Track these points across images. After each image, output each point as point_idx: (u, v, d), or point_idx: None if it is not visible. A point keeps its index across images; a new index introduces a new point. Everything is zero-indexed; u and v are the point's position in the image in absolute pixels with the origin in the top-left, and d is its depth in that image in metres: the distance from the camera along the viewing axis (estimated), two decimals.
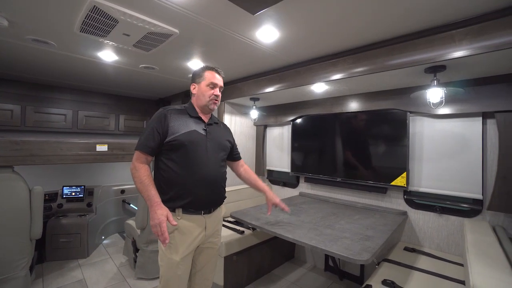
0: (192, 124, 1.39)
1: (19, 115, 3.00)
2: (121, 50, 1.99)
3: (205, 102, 1.43)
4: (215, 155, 1.43)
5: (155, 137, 1.31)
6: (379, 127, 2.35)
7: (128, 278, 2.51)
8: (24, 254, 1.99)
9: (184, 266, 1.34)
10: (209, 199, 1.40)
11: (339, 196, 2.70)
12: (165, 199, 1.31)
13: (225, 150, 1.54)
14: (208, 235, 1.42)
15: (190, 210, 1.34)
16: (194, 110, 1.45)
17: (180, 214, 1.33)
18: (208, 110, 1.47)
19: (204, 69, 1.46)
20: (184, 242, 1.32)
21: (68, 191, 3.13)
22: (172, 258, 1.30)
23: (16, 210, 1.93)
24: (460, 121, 1.94)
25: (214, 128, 1.50)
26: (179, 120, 1.38)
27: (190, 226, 1.34)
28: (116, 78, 2.89)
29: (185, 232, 1.33)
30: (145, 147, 1.30)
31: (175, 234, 1.31)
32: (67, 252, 2.83)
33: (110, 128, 3.73)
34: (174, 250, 1.31)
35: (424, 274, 1.64)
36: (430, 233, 2.09)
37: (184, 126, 1.36)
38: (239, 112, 3.26)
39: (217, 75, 1.46)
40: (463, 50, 1.41)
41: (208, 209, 1.41)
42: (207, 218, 1.41)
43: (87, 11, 1.40)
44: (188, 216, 1.34)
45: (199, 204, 1.36)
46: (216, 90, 1.44)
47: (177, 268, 1.31)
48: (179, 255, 1.31)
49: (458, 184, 1.95)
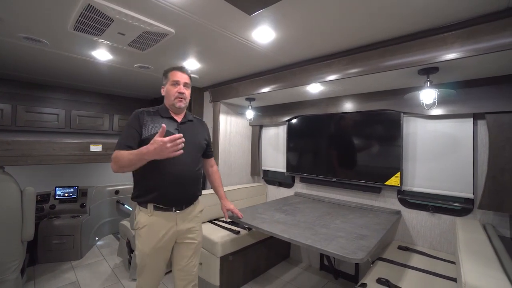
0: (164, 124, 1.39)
1: (10, 115, 2.94)
2: (116, 49, 1.97)
3: (172, 101, 1.47)
4: (188, 154, 1.42)
5: (134, 136, 1.36)
6: (373, 128, 2.38)
7: (122, 279, 2.48)
8: (15, 256, 1.95)
9: (155, 257, 1.42)
10: (179, 197, 1.45)
11: (334, 195, 2.72)
12: (137, 195, 1.43)
13: (200, 148, 1.58)
14: (181, 231, 1.47)
15: (160, 206, 1.40)
16: (166, 111, 1.49)
17: (151, 210, 1.40)
18: (176, 108, 1.49)
19: (168, 71, 1.50)
20: (153, 236, 1.40)
21: (60, 192, 3.07)
22: (143, 250, 1.40)
23: (7, 211, 1.89)
24: (451, 122, 1.98)
25: (188, 126, 1.53)
26: (151, 121, 1.42)
27: (160, 222, 1.41)
28: (111, 77, 2.86)
29: (154, 228, 1.40)
30: (123, 146, 1.33)
31: (145, 229, 1.40)
32: (60, 253, 2.78)
33: (103, 128, 3.69)
34: (144, 243, 1.40)
35: (418, 272, 1.66)
36: (423, 232, 2.13)
37: (155, 126, 1.40)
38: (235, 112, 3.26)
39: (180, 73, 1.48)
40: (455, 53, 1.44)
41: (180, 206, 1.45)
42: (179, 215, 1.45)
43: (81, 10, 1.38)
44: (159, 213, 1.41)
45: (169, 201, 1.42)
46: (179, 87, 1.46)
47: (147, 259, 1.41)
48: (148, 248, 1.39)
49: (450, 184, 1.99)
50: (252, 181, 3.49)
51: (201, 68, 2.45)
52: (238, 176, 3.31)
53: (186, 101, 1.50)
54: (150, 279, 1.46)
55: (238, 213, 1.91)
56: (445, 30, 1.44)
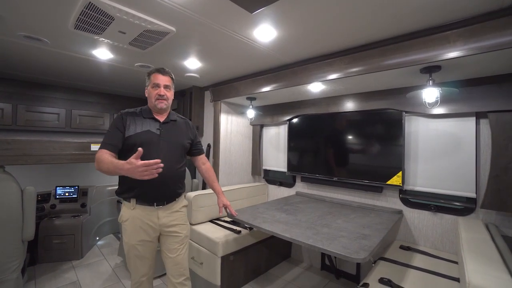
0: (145, 125, 1.50)
1: (10, 114, 2.93)
2: (117, 48, 1.96)
3: (153, 103, 1.53)
4: (169, 153, 1.52)
5: (117, 135, 1.44)
6: (375, 127, 2.37)
7: (123, 279, 2.47)
8: (16, 256, 1.94)
9: (140, 249, 1.49)
10: (161, 194, 1.51)
11: (335, 195, 2.72)
12: (120, 191, 1.51)
13: (182, 147, 1.63)
14: (163, 224, 1.54)
15: (142, 202, 1.48)
16: (148, 112, 1.56)
17: (134, 204, 1.48)
18: (158, 109, 1.55)
19: (150, 73, 1.56)
20: (137, 230, 1.48)
21: (61, 192, 3.07)
22: (128, 242, 1.49)
23: (8, 211, 1.88)
24: (454, 121, 1.97)
25: (171, 126, 1.60)
26: (134, 121, 1.49)
27: (141, 215, 1.48)
28: (111, 76, 2.86)
29: (136, 221, 1.48)
30: (107, 145, 1.41)
31: (128, 222, 1.48)
32: (60, 253, 2.78)
33: (104, 127, 3.68)
34: (129, 235, 1.48)
35: (420, 272, 1.65)
36: (425, 232, 2.12)
37: (137, 126, 1.48)
38: (236, 112, 3.25)
39: (160, 75, 1.53)
40: (458, 51, 1.43)
41: (161, 202, 1.52)
42: (160, 210, 1.52)
43: (82, 8, 1.37)
44: (141, 207, 1.48)
45: (151, 197, 1.48)
46: (159, 89, 1.52)
47: (133, 250, 1.49)
48: (133, 239, 1.48)
49: (452, 183, 1.98)
50: (253, 181, 3.48)
51: (202, 67, 2.44)
52: (239, 175, 3.30)
53: (167, 102, 1.56)
54: (139, 269, 1.52)
55: (232, 211, 1.95)
56: (447, 28, 1.43)
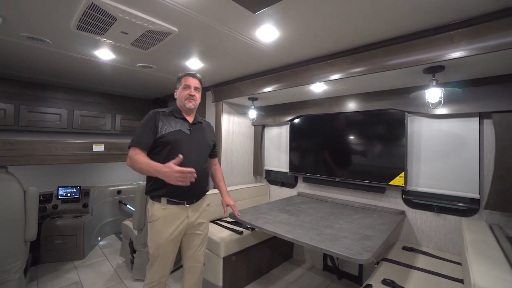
0: (177, 124, 1.58)
1: (12, 115, 2.94)
2: (119, 48, 1.96)
3: (182, 102, 1.62)
4: (197, 152, 1.60)
5: (148, 134, 1.49)
6: (377, 127, 2.36)
7: (125, 279, 2.47)
8: (18, 256, 1.95)
9: (169, 248, 1.53)
10: (191, 192, 1.54)
11: (337, 196, 2.71)
12: (151, 189, 1.53)
13: (208, 148, 1.72)
14: (191, 223, 1.59)
15: (173, 200, 1.52)
16: (179, 112, 1.64)
17: (165, 204, 1.51)
18: (187, 109, 1.62)
19: (181, 76, 1.66)
20: (167, 229, 1.51)
21: (63, 192, 3.07)
22: (157, 241, 1.51)
23: (10, 211, 1.88)
24: (457, 121, 1.96)
25: (198, 127, 1.68)
26: (166, 120, 1.56)
27: (173, 214, 1.53)
28: (113, 77, 2.86)
29: (168, 220, 1.51)
30: (138, 143, 1.46)
31: (159, 221, 1.50)
32: (62, 253, 2.78)
33: (106, 128, 3.68)
34: (159, 234, 1.50)
35: (423, 273, 1.64)
36: (428, 232, 2.11)
37: (170, 125, 1.54)
38: (237, 112, 3.25)
39: (191, 78, 1.63)
40: (462, 51, 1.42)
41: (190, 200, 1.57)
42: (189, 208, 1.58)
43: (84, 8, 1.37)
44: (172, 206, 1.52)
45: (181, 195, 1.52)
46: (190, 90, 1.61)
47: (161, 249, 1.51)
48: (162, 239, 1.50)
49: (456, 184, 1.97)
50: (255, 181, 3.48)
51: (204, 67, 2.43)
52: (241, 175, 3.29)
53: (195, 102, 1.64)
54: (161, 269, 1.55)
55: (235, 212, 1.99)
56: (451, 28, 1.42)
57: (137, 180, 3.86)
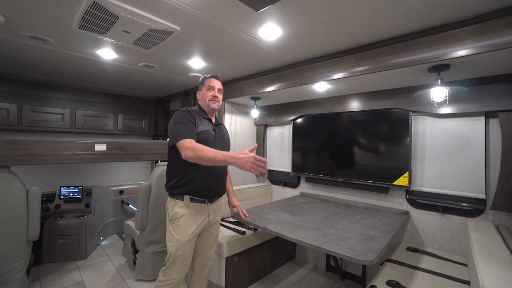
0: (206, 124, 1.63)
1: (15, 114, 2.95)
2: (121, 47, 1.96)
3: (206, 103, 1.66)
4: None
5: (192, 128, 1.51)
6: (381, 127, 2.33)
7: (127, 279, 2.47)
8: (21, 256, 1.94)
9: (189, 247, 1.55)
10: (213, 190, 1.61)
11: (340, 196, 2.69)
12: (176, 186, 1.54)
13: (228, 148, 1.78)
14: (210, 221, 1.65)
15: (196, 199, 1.55)
16: (204, 113, 1.69)
17: (188, 202, 1.53)
18: (210, 110, 1.67)
19: (204, 78, 1.70)
20: (190, 227, 1.54)
21: (65, 192, 3.07)
22: (180, 240, 1.51)
23: (13, 211, 1.88)
24: (462, 120, 1.94)
25: (219, 129, 1.75)
26: (199, 119, 1.61)
27: (196, 213, 1.56)
28: (115, 76, 2.86)
29: (191, 218, 1.54)
30: (190, 135, 1.45)
31: (183, 219, 1.52)
32: (65, 253, 2.78)
33: (108, 127, 3.69)
34: (182, 233, 1.52)
35: (428, 274, 1.62)
36: (432, 233, 2.08)
37: (201, 125, 1.59)
38: (240, 112, 3.24)
39: (215, 79, 1.68)
40: (468, 49, 1.40)
41: (211, 198, 1.62)
42: (210, 207, 1.62)
43: (86, 7, 1.37)
44: (194, 205, 1.55)
45: (204, 193, 1.56)
46: (214, 91, 1.65)
47: (183, 248, 1.52)
48: (186, 237, 1.52)
49: (461, 184, 1.94)
50: (257, 181, 3.47)
51: (206, 67, 2.43)
52: (243, 175, 3.28)
53: (219, 103, 1.68)
54: (182, 269, 1.55)
55: (241, 212, 1.98)
56: (456, 26, 1.40)
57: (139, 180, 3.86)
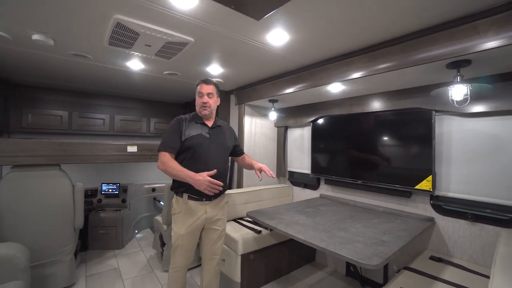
0: (198, 129, 1.72)
1: (67, 120, 3.42)
2: (146, 59, 2.18)
3: (198, 109, 1.76)
4: (217, 154, 1.74)
5: (175, 139, 1.66)
6: (401, 127, 2.21)
7: (155, 269, 2.70)
8: (69, 241, 2.28)
9: (187, 239, 1.68)
10: None
11: (360, 199, 2.60)
12: (176, 186, 1.70)
13: (226, 149, 1.85)
14: (209, 218, 1.72)
15: (193, 196, 1.66)
16: (199, 118, 1.77)
17: (186, 199, 1.67)
18: (203, 115, 1.75)
19: (197, 84, 1.77)
20: (187, 221, 1.67)
21: (105, 188, 3.47)
22: (178, 232, 1.67)
23: (62, 203, 2.22)
24: (493, 119, 1.75)
25: (217, 131, 1.81)
26: (189, 125, 1.71)
27: (192, 209, 1.67)
28: (145, 84, 3.15)
29: (188, 214, 1.67)
30: (167, 147, 1.64)
31: (181, 214, 1.68)
32: (105, 242, 3.14)
33: (142, 130, 4.06)
34: (179, 226, 1.68)
35: (449, 286, 1.51)
36: (461, 243, 1.91)
37: (192, 130, 1.69)
38: (259, 114, 3.31)
39: (204, 85, 1.73)
40: (490, 42, 1.28)
41: (209, 197, 1.68)
42: (208, 205, 1.71)
43: (112, 27, 1.57)
44: (192, 202, 1.67)
45: (200, 192, 1.60)
46: (203, 98, 1.72)
47: (181, 240, 1.68)
48: (182, 230, 1.66)
49: (494, 190, 1.76)
50: (278, 183, 3.50)
51: (225, 72, 2.55)
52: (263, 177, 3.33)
53: (210, 109, 1.74)
54: (182, 257, 1.72)
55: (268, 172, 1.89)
56: (474, 18, 1.29)
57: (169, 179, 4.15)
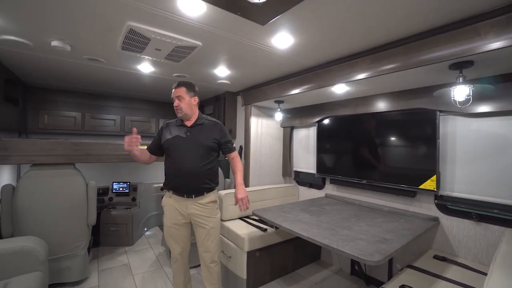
0: (176, 131, 1.86)
1: (80, 121, 3.56)
2: (156, 62, 2.27)
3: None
4: (193, 152, 1.80)
5: (155, 141, 1.94)
6: (406, 128, 2.23)
7: (164, 266, 2.79)
8: (83, 237, 2.39)
9: (174, 230, 1.85)
10: (187, 187, 1.79)
11: (365, 198, 2.62)
12: (164, 183, 1.89)
13: (206, 147, 1.83)
14: (191, 214, 1.82)
15: (176, 193, 1.82)
16: (180, 121, 1.90)
17: (171, 194, 1.85)
18: (180, 118, 1.88)
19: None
20: (172, 214, 1.84)
21: (117, 186, 3.59)
22: (166, 223, 1.88)
23: (77, 200, 2.33)
24: (498, 120, 1.76)
25: (196, 129, 1.87)
26: (168, 130, 1.88)
27: (175, 203, 1.83)
28: (155, 86, 3.26)
29: (171, 207, 1.84)
30: (148, 147, 1.96)
31: (166, 208, 1.86)
32: (116, 239, 3.25)
33: (151, 130, 4.17)
34: (167, 218, 1.87)
35: (451, 284, 1.53)
36: (466, 242, 1.92)
37: (170, 134, 1.85)
38: (266, 115, 3.36)
39: (174, 89, 1.85)
40: (491, 44, 1.30)
41: (189, 194, 1.79)
42: (189, 201, 1.81)
43: (125, 33, 1.66)
44: (175, 197, 1.83)
45: (181, 190, 1.80)
46: (175, 102, 1.83)
47: (169, 230, 1.86)
48: (168, 222, 1.85)
49: (499, 190, 1.76)
50: (284, 182, 3.55)
51: (231, 74, 2.62)
52: (269, 176, 3.40)
53: (181, 110, 1.83)
54: (175, 244, 1.88)
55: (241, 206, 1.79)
56: (475, 20, 1.32)
57: None
